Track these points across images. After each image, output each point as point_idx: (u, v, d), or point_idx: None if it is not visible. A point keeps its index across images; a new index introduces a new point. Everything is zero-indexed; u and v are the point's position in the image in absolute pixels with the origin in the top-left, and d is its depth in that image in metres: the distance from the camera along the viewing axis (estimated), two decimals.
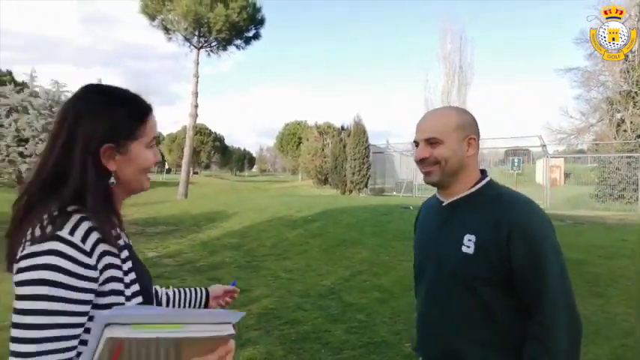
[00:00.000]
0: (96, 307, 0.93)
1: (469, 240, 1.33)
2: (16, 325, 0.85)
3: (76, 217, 0.93)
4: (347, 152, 22.92)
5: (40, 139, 26.46)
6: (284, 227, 9.91)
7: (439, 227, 1.46)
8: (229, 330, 0.82)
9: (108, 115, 1.01)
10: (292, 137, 56.62)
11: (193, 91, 22.02)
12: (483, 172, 1.47)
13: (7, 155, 26.42)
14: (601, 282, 5.78)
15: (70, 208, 0.94)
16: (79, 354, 0.88)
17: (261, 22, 23.19)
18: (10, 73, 38.44)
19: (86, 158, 0.97)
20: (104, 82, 1.06)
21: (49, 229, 0.89)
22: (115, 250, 0.97)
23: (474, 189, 1.42)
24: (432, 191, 1.62)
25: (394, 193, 22.43)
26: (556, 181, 23.99)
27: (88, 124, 0.98)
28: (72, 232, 0.90)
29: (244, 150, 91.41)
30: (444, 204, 1.47)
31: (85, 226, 0.93)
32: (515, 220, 1.29)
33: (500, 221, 1.29)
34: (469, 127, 1.43)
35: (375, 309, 5.03)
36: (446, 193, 1.47)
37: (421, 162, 1.44)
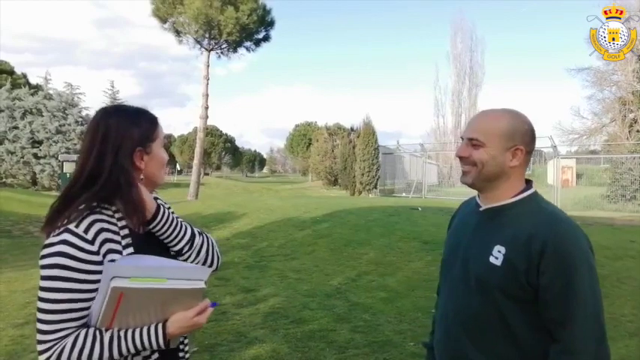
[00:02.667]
0: None
1: (498, 251, 1.29)
2: (40, 299, 1.12)
3: (85, 212, 1.17)
4: (356, 153, 22.96)
5: (54, 141, 26.98)
6: (292, 228, 9.99)
7: (472, 232, 1.42)
8: (201, 285, 1.22)
9: (137, 126, 1.28)
10: (302, 138, 56.80)
11: (204, 93, 22.23)
12: (529, 183, 1.40)
13: (22, 157, 26.93)
14: (607, 283, 5.76)
15: (92, 205, 1.19)
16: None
17: (271, 24, 23.34)
18: (24, 75, 39.11)
19: (116, 163, 1.21)
20: (117, 85, 1.30)
21: (64, 222, 1.15)
22: (116, 238, 1.20)
23: (513, 199, 1.36)
24: (438, 193, 1.61)
25: (404, 194, 22.39)
26: (568, 181, 23.78)
27: (119, 135, 1.24)
28: (78, 225, 1.14)
29: (255, 151, 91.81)
30: (480, 209, 1.43)
31: (90, 218, 1.17)
32: (550, 238, 1.22)
33: (534, 236, 1.24)
34: (519, 137, 1.35)
35: (381, 309, 5.08)
36: (484, 197, 1.43)
37: (460, 160, 1.40)
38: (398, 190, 23.32)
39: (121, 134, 1.23)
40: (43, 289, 1.12)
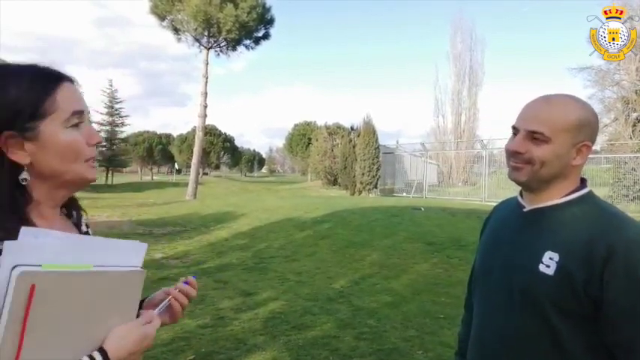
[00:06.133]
0: None
1: (550, 258, 1.09)
2: None
3: None
4: (357, 153, 22.74)
5: None
6: (293, 228, 9.78)
7: (514, 235, 1.22)
8: (138, 268, 0.86)
9: (1, 94, 0.81)
10: (302, 138, 56.57)
11: (202, 92, 22.01)
12: (583, 182, 1.19)
13: None
14: None
15: None
16: None
17: (271, 21, 23.13)
18: None
19: None
20: (117, 84, 0.89)
21: None
22: None
23: (564, 199, 1.16)
24: (439, 193, 1.40)
25: (404, 194, 22.20)
26: None
27: None
28: None
29: (254, 151, 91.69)
30: (524, 209, 1.22)
31: None
32: (617, 243, 1.02)
33: (596, 240, 1.04)
34: (587, 131, 1.13)
35: (386, 314, 4.87)
36: (531, 197, 1.21)
37: (513, 155, 1.17)
38: (398, 190, 23.13)
39: None
40: None
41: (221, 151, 65.88)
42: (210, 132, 59.99)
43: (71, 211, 0.99)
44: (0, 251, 0.72)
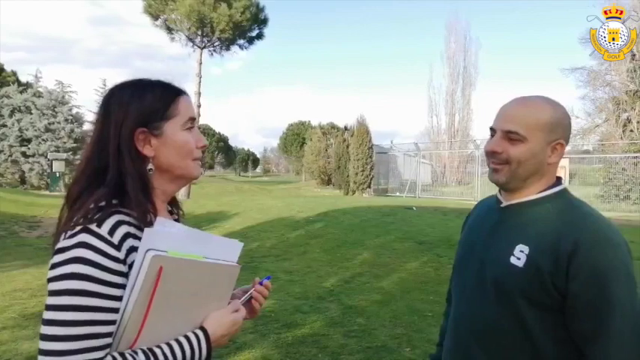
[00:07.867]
0: None
1: (520, 251, 1.14)
2: (48, 322, 0.84)
3: (107, 210, 0.91)
4: (350, 152, 22.81)
5: (43, 139, 26.58)
6: (285, 228, 9.82)
7: (490, 230, 1.27)
8: (235, 264, 1.03)
9: (137, 101, 1.00)
10: (296, 138, 56.68)
11: (196, 91, 21.99)
12: (558, 180, 1.24)
13: (10, 155, 26.50)
14: None
15: (112, 202, 0.94)
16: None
17: (264, 21, 23.16)
18: (14, 73, 38.57)
19: (120, 147, 0.96)
20: (109, 83, 1.11)
21: (80, 222, 0.89)
22: None
23: (539, 195, 1.20)
24: (432, 192, 1.45)
25: (397, 193, 22.30)
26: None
27: (118, 113, 0.98)
28: (100, 224, 0.88)
29: (248, 150, 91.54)
30: (501, 205, 1.27)
31: (114, 218, 0.91)
32: (583, 238, 1.07)
33: (564, 235, 1.09)
34: (561, 130, 1.19)
35: (375, 312, 4.91)
36: (508, 193, 1.26)
37: (491, 155, 1.21)
38: (392, 190, 23.23)
39: (122, 111, 0.98)
40: (53, 307, 0.84)
41: (215, 150, 65.86)
42: (204, 132, 59.92)
43: (173, 209, 1.16)
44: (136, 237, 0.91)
